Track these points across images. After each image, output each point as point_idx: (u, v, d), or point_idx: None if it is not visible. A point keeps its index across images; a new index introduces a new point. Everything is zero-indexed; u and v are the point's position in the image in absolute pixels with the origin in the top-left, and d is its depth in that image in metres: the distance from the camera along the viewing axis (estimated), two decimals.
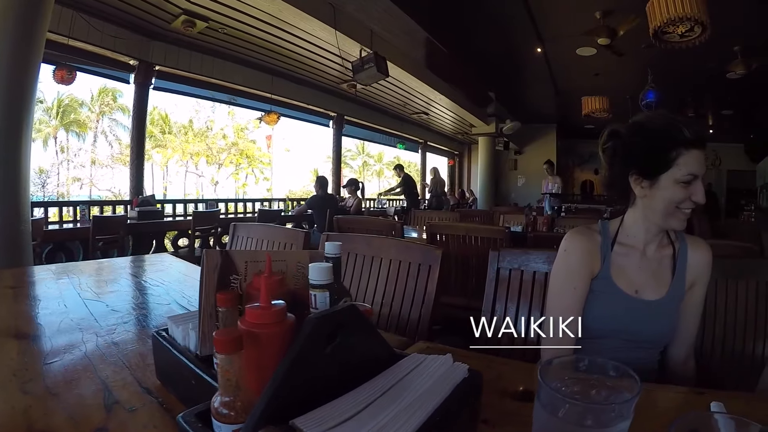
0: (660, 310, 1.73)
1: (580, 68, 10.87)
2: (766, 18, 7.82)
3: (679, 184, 1.59)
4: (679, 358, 1.87)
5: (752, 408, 1.21)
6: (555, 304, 1.76)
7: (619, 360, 1.64)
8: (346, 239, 2.56)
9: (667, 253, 1.81)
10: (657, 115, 1.67)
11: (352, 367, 0.91)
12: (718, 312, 2.14)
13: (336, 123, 12.11)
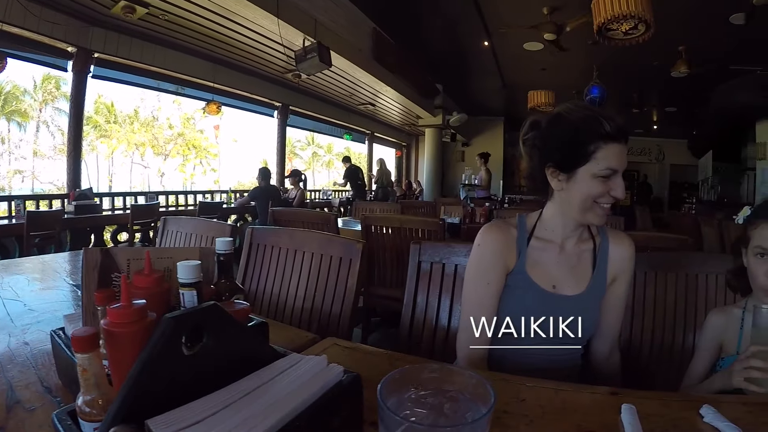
0: (579, 305, 1.70)
1: (527, 62, 10.96)
2: (708, 21, 8.07)
3: (597, 178, 1.56)
4: (603, 353, 1.87)
5: (668, 408, 1.18)
6: (469, 299, 1.73)
7: (538, 355, 1.64)
8: (270, 233, 2.51)
9: (587, 248, 1.79)
10: (577, 107, 1.62)
11: (222, 368, 0.87)
12: (647, 305, 2.14)
13: (281, 113, 11.87)
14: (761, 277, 1.52)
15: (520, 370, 1.59)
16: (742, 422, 1.10)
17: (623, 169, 1.58)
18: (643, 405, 1.16)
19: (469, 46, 10.35)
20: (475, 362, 1.67)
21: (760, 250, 1.53)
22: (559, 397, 1.23)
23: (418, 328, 2.09)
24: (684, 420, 1.12)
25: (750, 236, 1.58)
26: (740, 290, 1.71)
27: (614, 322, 1.84)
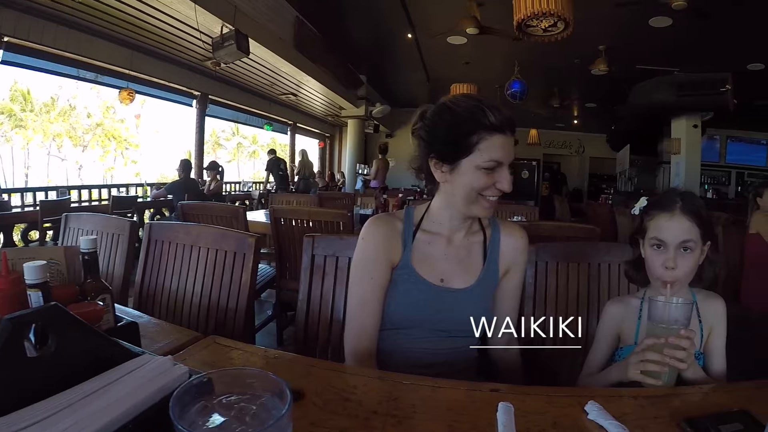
0: (468, 298, 1.70)
1: (450, 56, 10.99)
2: (628, 23, 8.36)
3: (481, 170, 1.54)
4: (500, 344, 1.86)
5: (551, 405, 1.17)
6: (353, 294, 1.70)
7: (428, 350, 1.62)
8: (167, 228, 2.42)
9: (476, 240, 1.78)
10: (464, 98, 1.60)
11: (72, 369, 0.85)
12: (549, 294, 2.16)
13: (200, 103, 11.42)
14: (658, 269, 1.54)
15: (410, 366, 1.62)
16: (631, 417, 1.11)
17: (509, 161, 1.58)
18: (525, 402, 1.15)
19: (393, 38, 10.32)
20: (362, 358, 1.64)
21: (656, 241, 1.55)
22: (436, 395, 1.21)
23: (314, 323, 2.06)
24: (567, 417, 1.11)
25: (646, 227, 1.60)
26: (638, 281, 1.73)
27: (509, 313, 1.84)
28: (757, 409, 1.19)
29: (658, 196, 1.63)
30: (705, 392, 1.34)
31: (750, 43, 9.00)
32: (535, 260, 2.15)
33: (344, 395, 1.17)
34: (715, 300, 1.67)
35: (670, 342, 1.32)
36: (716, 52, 9.60)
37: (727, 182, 19.05)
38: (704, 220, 1.55)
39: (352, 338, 1.67)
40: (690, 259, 1.53)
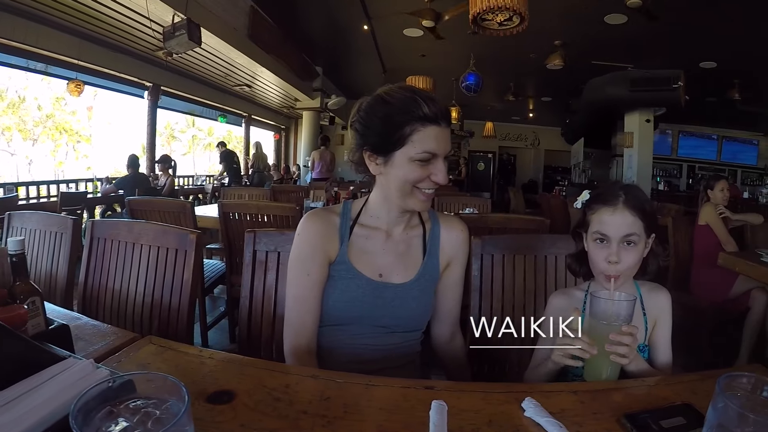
0: (408, 293, 1.69)
1: (407, 48, 11.02)
2: (583, 19, 8.51)
3: (415, 162, 1.53)
4: (444, 338, 1.88)
5: (487, 402, 1.16)
6: (291, 291, 1.68)
7: (368, 346, 1.60)
8: (109, 225, 2.34)
9: (416, 234, 1.77)
10: (398, 89, 1.58)
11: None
12: (495, 287, 2.15)
13: (151, 94, 11.05)
14: (601, 263, 1.54)
15: (351, 362, 1.63)
16: (569, 413, 1.11)
17: (444, 153, 1.56)
18: (460, 400, 1.14)
19: (349, 29, 10.26)
20: (301, 356, 1.62)
21: (599, 235, 1.55)
22: (369, 393, 1.19)
23: (257, 320, 2.03)
24: (503, 415, 1.10)
25: (589, 221, 1.60)
26: (582, 275, 1.73)
27: (452, 307, 1.86)
28: (701, 401, 1.19)
29: (601, 190, 1.63)
30: (648, 386, 1.33)
31: (703, 42, 9.29)
32: (481, 253, 2.14)
33: (276, 395, 1.14)
34: (660, 292, 1.68)
35: (611, 339, 1.32)
36: (670, 50, 9.89)
37: (678, 175, 19.82)
38: (648, 214, 1.55)
39: (291, 335, 1.65)
40: (633, 253, 1.54)
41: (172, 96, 12.16)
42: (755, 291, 4.25)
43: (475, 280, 2.12)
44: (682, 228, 4.91)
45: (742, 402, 0.91)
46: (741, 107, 13.07)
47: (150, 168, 10.39)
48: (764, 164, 19.32)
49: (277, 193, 6.91)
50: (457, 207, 5.73)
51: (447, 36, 8.91)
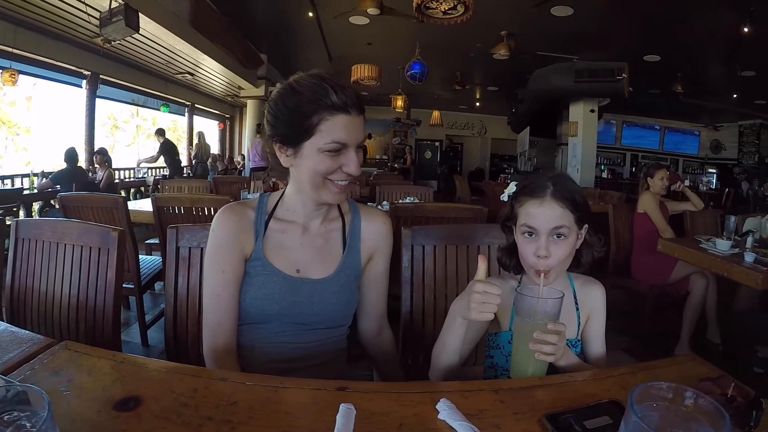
0: (327, 288, 1.66)
1: (352, 36, 10.90)
2: (530, 11, 8.54)
3: (324, 153, 1.48)
4: (371, 332, 1.86)
5: (400, 404, 1.12)
6: (207, 289, 1.62)
7: (289, 344, 1.56)
8: (33, 225, 2.23)
9: (335, 228, 1.74)
10: (308, 77, 1.52)
11: None
12: (427, 279, 2.13)
13: (90, 83, 10.54)
14: (530, 257, 1.50)
15: (272, 361, 1.59)
16: (488, 414, 1.09)
17: (356, 143, 1.52)
18: (372, 402, 1.11)
19: (294, 16, 10.09)
20: (220, 356, 1.57)
21: (527, 229, 1.51)
22: (278, 396, 1.14)
23: (183, 320, 1.96)
24: (415, 418, 1.07)
25: (516, 214, 1.56)
26: (512, 268, 1.66)
27: (377, 301, 1.85)
28: None
29: (528, 181, 1.57)
30: (575, 382, 1.31)
31: (647, 36, 9.60)
32: (411, 244, 2.12)
33: (182, 400, 1.09)
34: (594, 286, 1.66)
35: (535, 337, 1.30)
36: (615, 43, 10.15)
37: (622, 163, 20.68)
38: (578, 204, 1.51)
39: (208, 336, 1.59)
40: (564, 246, 1.50)
41: (113, 85, 11.68)
42: (694, 276, 4.40)
43: (406, 271, 2.09)
44: (622, 215, 5.08)
45: (660, 413, 0.87)
46: (683, 100, 13.62)
47: (89, 161, 10.02)
48: (705, 154, 20.47)
49: (218, 184, 6.78)
50: (399, 196, 5.74)
51: (393, 24, 8.93)
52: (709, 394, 1.14)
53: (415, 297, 2.08)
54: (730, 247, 3.99)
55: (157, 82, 13.20)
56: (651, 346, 4.70)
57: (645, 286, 4.69)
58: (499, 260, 1.70)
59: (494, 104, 18.82)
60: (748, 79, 12.00)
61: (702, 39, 9.54)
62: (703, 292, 4.38)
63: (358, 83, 11.16)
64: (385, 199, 5.66)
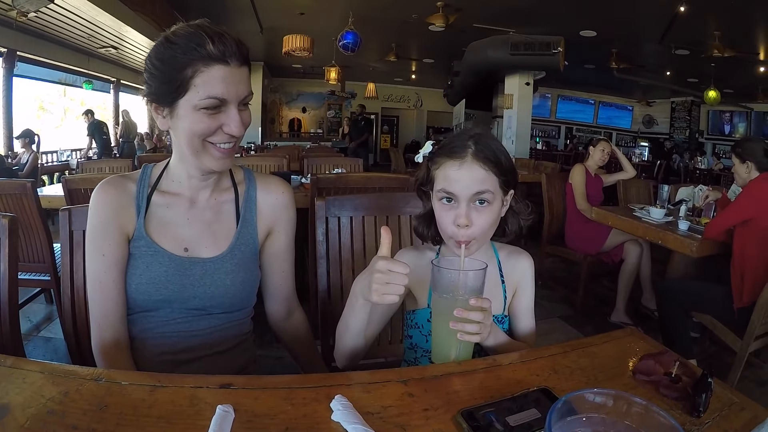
0: (220, 268, 1.48)
1: (285, 6, 10.61)
2: None
3: (201, 111, 1.28)
4: (279, 314, 1.72)
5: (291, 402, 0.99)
6: (89, 276, 1.44)
7: (183, 332, 1.49)
8: None
9: (227, 199, 1.56)
10: (186, 26, 1.31)
11: None
12: (344, 252, 2.02)
13: (6, 61, 9.79)
14: (449, 227, 1.34)
15: (166, 353, 1.44)
16: (393, 411, 0.97)
17: (238, 98, 1.32)
18: (258, 401, 0.98)
19: None
20: (110, 351, 1.39)
21: (445, 194, 1.34)
22: (153, 398, 0.98)
23: (82, 313, 1.70)
24: (305, 419, 0.93)
25: (433, 177, 1.39)
26: (430, 239, 1.51)
27: (282, 280, 1.69)
28: (562, 383, 1.10)
29: (447, 140, 1.41)
30: (500, 366, 1.18)
31: (584, 11, 9.72)
32: (326, 216, 1.98)
33: (50, 406, 0.93)
34: (521, 256, 1.55)
35: (455, 315, 1.16)
36: (552, 18, 10.22)
37: (557, 136, 21.38)
38: (503, 167, 1.35)
39: (95, 329, 1.40)
40: (487, 214, 1.34)
41: (33, 62, 11.00)
42: (628, 243, 4.52)
43: (320, 245, 1.96)
44: (555, 185, 5.22)
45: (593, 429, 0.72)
46: (618, 75, 13.95)
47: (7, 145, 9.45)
48: (638, 128, 21.67)
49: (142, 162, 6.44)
50: (328, 168, 5.62)
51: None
52: (651, 374, 1.13)
53: (332, 273, 1.96)
54: (664, 216, 4.11)
55: (80, 58, 12.52)
56: (587, 313, 4.78)
57: (579, 254, 4.78)
58: (416, 230, 1.54)
59: (430, 77, 18.81)
60: (682, 57, 12.28)
61: (638, 17, 9.70)
62: (637, 259, 4.47)
63: (290, 54, 10.96)
64: (311, 172, 5.46)
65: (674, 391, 1.06)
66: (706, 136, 19.89)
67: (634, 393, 1.06)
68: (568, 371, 1.18)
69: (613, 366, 1.21)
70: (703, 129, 20.08)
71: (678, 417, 0.99)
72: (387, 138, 23.48)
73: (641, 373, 1.15)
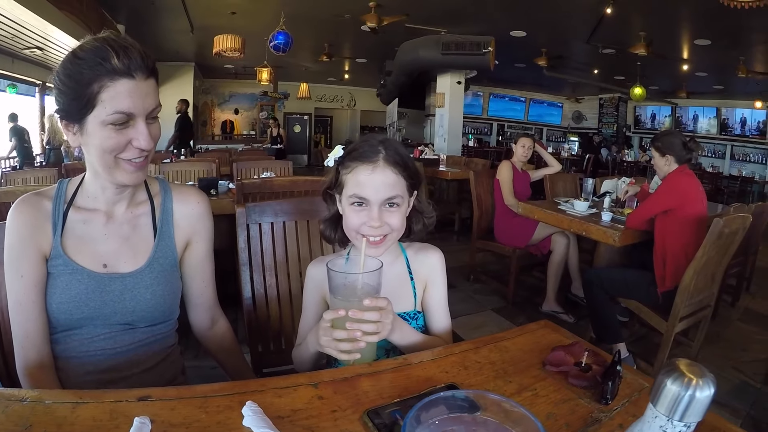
0: (140, 282, 1.46)
1: (216, 5, 10.41)
2: None
3: (109, 126, 1.27)
4: (203, 325, 1.71)
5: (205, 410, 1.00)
6: (9, 297, 1.41)
7: (108, 350, 1.47)
8: None
9: (143, 212, 1.53)
10: (93, 40, 1.29)
11: None
12: (266, 258, 2.02)
13: None
14: (362, 228, 1.39)
15: (91, 372, 1.41)
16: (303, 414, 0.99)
17: (147, 112, 1.32)
18: (174, 411, 0.98)
19: None
20: (35, 374, 1.36)
21: (357, 198, 1.38)
22: (75, 415, 0.96)
23: (8, 336, 1.58)
24: (219, 426, 0.95)
25: (344, 182, 1.42)
26: (337, 241, 1.56)
27: (203, 290, 1.69)
28: (470, 378, 1.14)
29: (357, 144, 1.44)
30: (410, 365, 1.21)
31: (514, 12, 10.02)
32: (246, 223, 1.98)
33: None
34: (430, 251, 1.59)
35: (350, 316, 1.19)
36: (483, 18, 10.44)
37: (489, 133, 21.79)
38: (411, 170, 1.42)
39: (19, 350, 1.38)
40: (397, 215, 1.40)
41: None
42: (555, 235, 4.68)
43: (243, 253, 1.96)
44: (484, 181, 5.35)
45: None
46: (548, 74, 14.48)
47: None
48: (567, 124, 22.55)
49: (69, 172, 6.15)
50: (258, 172, 5.54)
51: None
52: (560, 365, 1.17)
53: (255, 279, 1.97)
54: (588, 208, 4.29)
55: (3, 60, 12.03)
56: (520, 304, 4.94)
57: (509, 248, 4.90)
58: (323, 233, 1.59)
59: (364, 76, 18.90)
60: (608, 56, 12.79)
61: (566, 18, 10.03)
62: (565, 250, 4.64)
63: (220, 55, 10.82)
64: (239, 176, 5.44)
65: (583, 380, 1.10)
66: (633, 130, 20.84)
67: (544, 384, 1.13)
68: (478, 366, 1.22)
69: (523, 359, 1.25)
70: (630, 123, 20.98)
71: (587, 405, 1.04)
72: (321, 138, 23.42)
73: (551, 364, 1.20)
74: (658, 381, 0.66)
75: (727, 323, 4.92)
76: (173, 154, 9.29)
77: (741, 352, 4.22)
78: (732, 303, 5.41)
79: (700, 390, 0.62)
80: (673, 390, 0.63)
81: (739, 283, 5.49)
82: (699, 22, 9.43)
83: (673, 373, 0.64)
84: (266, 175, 5.07)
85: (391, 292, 1.37)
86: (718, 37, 10.09)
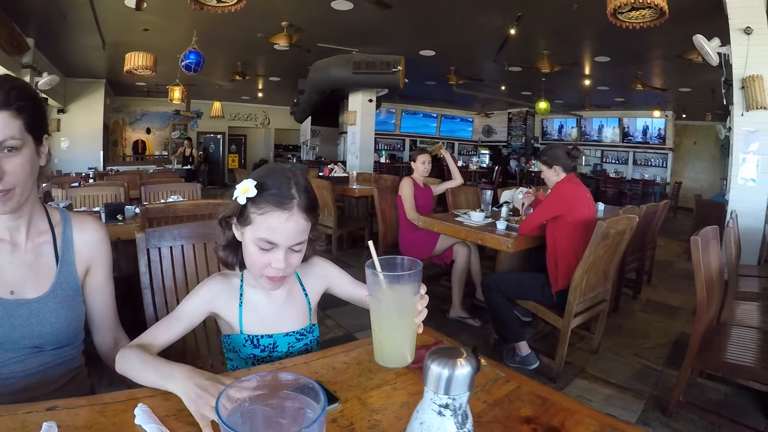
0: (44, 307, 1.52)
1: (128, 21, 10.09)
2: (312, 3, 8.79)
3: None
4: (107, 345, 1.77)
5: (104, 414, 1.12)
6: None
7: (18, 373, 1.47)
8: None
9: (45, 241, 1.60)
10: None
11: None
12: (167, 282, 2.08)
13: None
14: (265, 268, 1.48)
15: (4, 395, 1.44)
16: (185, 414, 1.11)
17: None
18: (78, 416, 1.09)
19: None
20: None
21: (266, 243, 1.44)
22: None
23: None
24: (115, 426, 1.07)
25: (252, 220, 1.45)
26: (236, 265, 1.61)
27: (106, 311, 1.76)
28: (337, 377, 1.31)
29: (270, 183, 1.45)
30: (284, 369, 1.34)
31: (423, 33, 10.35)
32: (146, 248, 2.04)
33: None
34: (313, 261, 1.72)
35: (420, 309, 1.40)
36: (393, 38, 10.74)
37: (402, 148, 22.22)
38: (317, 212, 1.52)
39: None
40: (300, 255, 1.51)
41: None
42: (456, 245, 4.91)
43: (144, 276, 2.01)
44: (387, 197, 5.57)
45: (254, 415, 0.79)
46: (457, 91, 15.12)
47: None
48: (478, 138, 23.54)
49: None
50: (166, 195, 5.48)
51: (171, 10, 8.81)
52: (419, 361, 1.23)
53: (157, 301, 2.03)
54: (484, 218, 4.55)
55: None
56: (428, 312, 5.06)
57: None
58: (222, 259, 1.62)
59: (277, 95, 18.85)
60: (515, 73, 13.37)
61: (473, 37, 10.44)
62: (466, 258, 4.86)
63: (131, 73, 10.63)
64: (147, 200, 5.39)
65: None
66: (541, 142, 21.82)
67: (404, 379, 1.32)
68: (345, 366, 1.37)
69: None
70: (538, 135, 22.08)
71: None
72: (235, 158, 22.89)
73: (414, 362, 1.36)
74: (425, 365, 0.82)
75: (629, 314, 5.42)
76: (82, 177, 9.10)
77: (643, 339, 4.65)
78: (633, 296, 5.94)
79: (459, 368, 0.79)
80: (435, 371, 0.80)
81: (638, 276, 6.00)
82: (598, 40, 10.04)
83: (437, 358, 0.81)
84: (173, 199, 5.04)
85: (288, 315, 1.56)
86: (616, 54, 10.78)
